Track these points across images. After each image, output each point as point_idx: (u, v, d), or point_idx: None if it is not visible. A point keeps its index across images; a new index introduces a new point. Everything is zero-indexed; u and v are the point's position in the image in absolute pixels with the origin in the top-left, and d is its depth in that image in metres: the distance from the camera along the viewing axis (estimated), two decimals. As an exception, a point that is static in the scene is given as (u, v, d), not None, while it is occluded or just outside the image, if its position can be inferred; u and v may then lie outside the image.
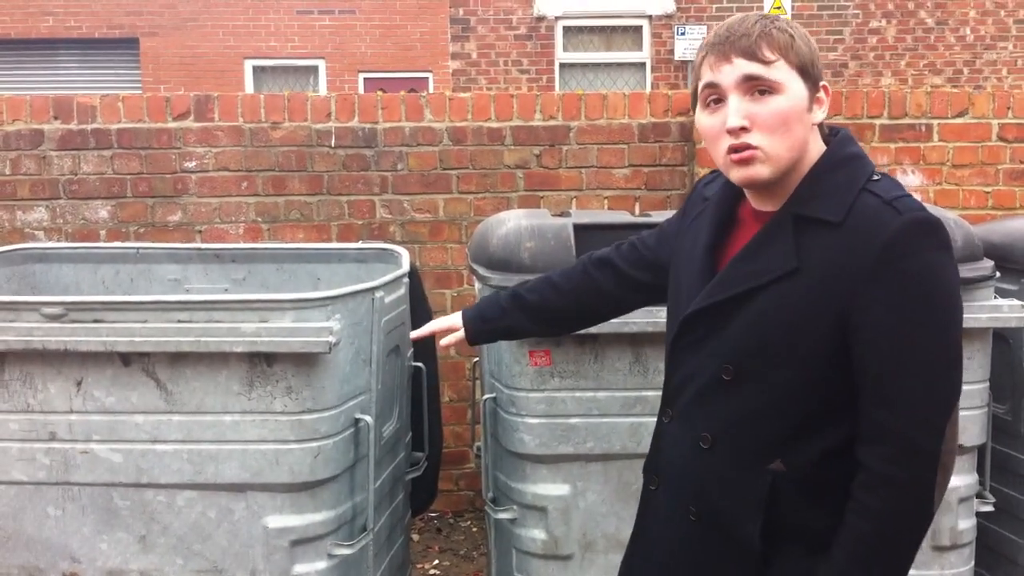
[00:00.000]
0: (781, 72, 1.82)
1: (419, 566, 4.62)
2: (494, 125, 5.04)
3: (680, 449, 2.02)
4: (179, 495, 2.96)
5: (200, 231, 4.97)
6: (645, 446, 3.15)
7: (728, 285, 1.91)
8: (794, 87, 1.83)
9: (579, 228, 3.22)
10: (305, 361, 2.88)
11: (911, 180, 5.07)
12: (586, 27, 13.49)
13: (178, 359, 2.89)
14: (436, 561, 4.73)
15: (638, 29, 13.46)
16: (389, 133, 4.99)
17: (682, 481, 2.01)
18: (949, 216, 3.20)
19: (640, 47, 13.45)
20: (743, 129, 1.82)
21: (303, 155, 4.97)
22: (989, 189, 5.13)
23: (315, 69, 13.67)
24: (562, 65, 13.43)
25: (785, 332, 1.83)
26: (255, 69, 13.67)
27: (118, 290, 3.86)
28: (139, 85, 13.46)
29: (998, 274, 3.27)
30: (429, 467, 3.68)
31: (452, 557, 4.78)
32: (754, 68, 1.82)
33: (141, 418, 2.93)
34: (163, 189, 4.95)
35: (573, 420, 3.12)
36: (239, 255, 3.93)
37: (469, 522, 5.13)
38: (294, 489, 2.94)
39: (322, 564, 2.99)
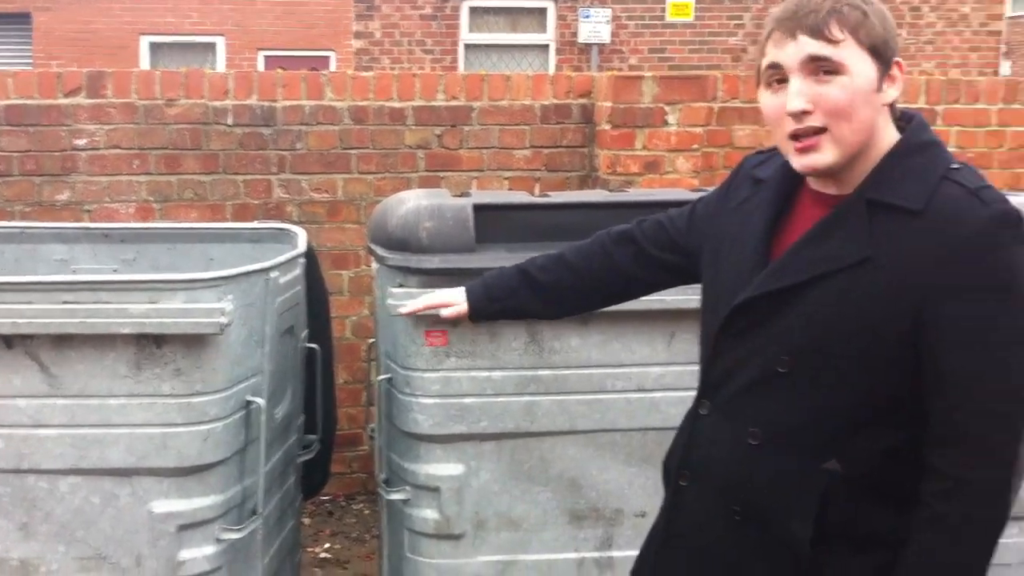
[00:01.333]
0: (848, 52, 1.71)
1: (309, 550, 4.57)
2: (396, 105, 4.99)
3: (721, 444, 1.89)
4: (62, 481, 2.89)
5: (89, 211, 4.83)
6: (539, 425, 3.20)
7: (789, 272, 1.80)
8: (862, 68, 1.72)
9: (479, 208, 3.21)
10: (195, 343, 2.83)
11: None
12: (492, 8, 13.49)
13: (63, 341, 2.81)
14: (327, 544, 4.70)
15: (543, 11, 13.50)
16: (288, 111, 4.92)
17: (725, 479, 1.89)
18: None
19: (544, 29, 13.49)
20: (805, 112, 1.72)
21: (198, 133, 4.86)
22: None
23: (213, 46, 13.42)
24: (467, 46, 13.41)
25: (852, 325, 1.72)
26: (151, 46, 13.38)
27: (2, 271, 3.73)
28: (31, 61, 13.06)
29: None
30: (322, 450, 3.64)
31: (344, 540, 4.75)
32: (820, 48, 1.71)
33: (23, 402, 2.85)
34: (51, 167, 4.79)
35: (467, 400, 3.11)
36: (129, 235, 3.83)
37: (361, 505, 5.10)
38: (181, 473, 2.88)
39: (210, 549, 2.94)
